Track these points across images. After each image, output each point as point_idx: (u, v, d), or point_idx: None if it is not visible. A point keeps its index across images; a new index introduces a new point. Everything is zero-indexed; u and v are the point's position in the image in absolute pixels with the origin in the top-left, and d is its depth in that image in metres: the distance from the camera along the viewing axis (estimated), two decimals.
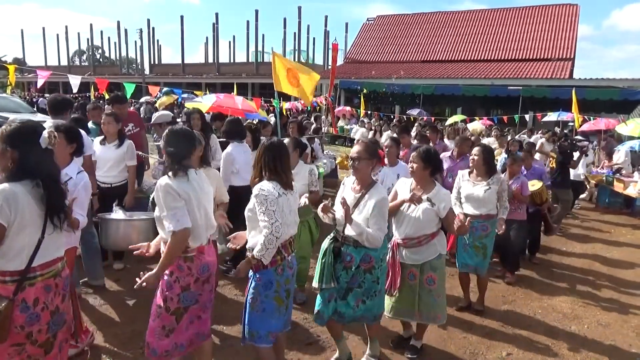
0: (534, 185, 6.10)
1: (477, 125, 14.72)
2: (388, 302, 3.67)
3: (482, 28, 28.35)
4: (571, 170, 8.14)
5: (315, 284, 3.37)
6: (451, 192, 5.70)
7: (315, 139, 8.20)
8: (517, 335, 4.28)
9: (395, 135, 7.58)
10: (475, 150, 4.66)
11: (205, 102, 9.00)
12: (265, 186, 2.88)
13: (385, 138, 10.40)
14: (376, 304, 3.36)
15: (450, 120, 16.63)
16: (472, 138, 10.04)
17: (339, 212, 3.27)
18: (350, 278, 3.27)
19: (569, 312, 4.84)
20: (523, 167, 6.35)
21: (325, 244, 3.38)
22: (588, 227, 8.55)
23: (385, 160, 4.87)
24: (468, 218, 4.28)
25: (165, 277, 2.76)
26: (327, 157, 9.49)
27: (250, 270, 2.96)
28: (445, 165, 6.11)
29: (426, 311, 3.61)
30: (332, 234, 3.42)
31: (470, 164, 4.72)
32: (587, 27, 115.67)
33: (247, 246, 2.98)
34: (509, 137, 10.74)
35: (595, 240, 7.70)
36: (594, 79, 21.33)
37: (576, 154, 8.42)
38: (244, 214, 2.97)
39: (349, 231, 3.22)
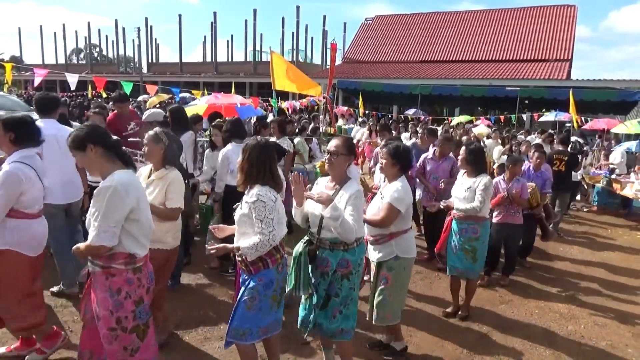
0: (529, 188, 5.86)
1: (482, 129, 14.64)
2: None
3: (480, 28, 28.40)
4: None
5: (288, 290, 3.15)
6: (438, 194, 5.81)
7: (313, 139, 8.17)
8: (514, 335, 4.28)
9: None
10: (464, 151, 4.56)
11: (200, 104, 9.03)
12: (263, 192, 2.79)
13: (357, 134, 10.41)
14: (352, 312, 3.18)
15: (455, 121, 16.48)
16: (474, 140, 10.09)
17: (312, 210, 3.10)
18: (328, 285, 3.10)
19: (565, 312, 4.85)
20: (532, 169, 6.37)
21: (299, 247, 3.14)
22: (584, 228, 8.57)
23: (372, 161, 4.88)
24: (450, 210, 4.55)
25: (110, 299, 2.55)
26: (324, 156, 9.46)
27: (244, 273, 2.90)
28: (428, 167, 6.06)
29: (377, 309, 3.55)
30: (305, 237, 3.21)
31: (459, 164, 4.76)
32: (585, 28, 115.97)
33: (234, 246, 2.91)
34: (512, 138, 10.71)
35: (591, 241, 7.72)
36: (591, 80, 21.41)
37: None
38: (242, 217, 2.88)
39: (325, 234, 3.04)
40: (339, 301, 3.10)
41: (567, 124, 16.58)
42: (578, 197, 10.32)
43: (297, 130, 8.15)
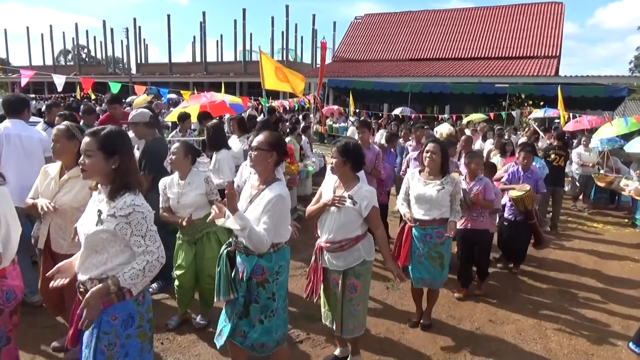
0: (521, 189, 5.54)
1: (444, 128, 14.40)
2: (322, 309, 3.49)
3: (470, 26, 28.52)
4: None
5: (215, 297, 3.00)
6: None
7: (304, 138, 8.18)
8: (504, 330, 4.32)
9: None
10: (432, 146, 4.06)
11: (191, 105, 8.99)
12: (139, 201, 2.23)
13: (378, 137, 10.42)
14: (275, 325, 2.89)
15: (467, 119, 16.27)
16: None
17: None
18: (246, 291, 2.86)
19: (556, 307, 4.89)
20: (520, 169, 5.88)
21: (222, 249, 3.01)
22: (575, 223, 8.65)
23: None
24: (417, 224, 4.04)
25: None
26: (315, 155, 9.49)
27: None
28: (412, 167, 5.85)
29: (345, 322, 3.31)
30: (229, 239, 3.04)
31: (426, 162, 4.11)
32: (572, 25, 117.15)
33: (90, 276, 2.23)
34: (505, 136, 10.41)
35: (581, 235, 7.80)
36: (579, 77, 21.59)
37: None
38: (100, 234, 2.20)
39: (240, 237, 2.78)
40: (258, 308, 2.84)
41: (556, 121, 16.70)
42: (566, 188, 10.32)
43: (287, 130, 8.16)
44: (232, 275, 2.88)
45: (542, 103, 17.02)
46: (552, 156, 7.73)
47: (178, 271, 3.91)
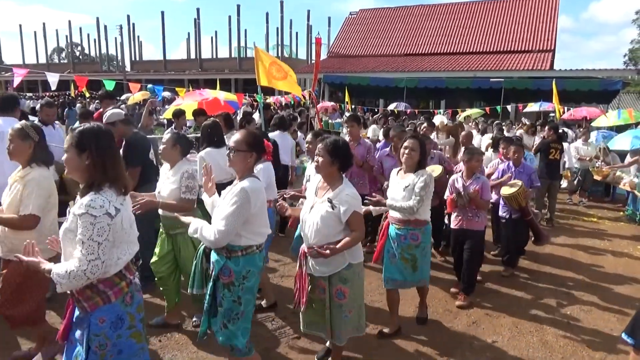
0: (512, 186, 5.37)
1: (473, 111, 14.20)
2: (301, 315, 3.30)
3: (464, 21, 28.53)
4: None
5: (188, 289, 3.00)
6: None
7: (299, 134, 8.16)
8: (502, 323, 4.35)
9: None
10: (411, 142, 3.84)
11: (186, 102, 8.97)
12: (97, 203, 2.06)
13: (371, 132, 10.39)
14: (242, 328, 2.81)
15: (464, 114, 16.22)
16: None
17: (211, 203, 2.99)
18: (214, 290, 2.82)
19: (552, 299, 4.92)
20: (512, 165, 5.76)
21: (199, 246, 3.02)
22: (570, 216, 8.70)
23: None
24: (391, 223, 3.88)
25: None
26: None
27: (78, 309, 2.21)
28: (386, 164, 5.63)
29: (337, 329, 3.15)
30: None
31: (403, 158, 3.89)
32: (567, 18, 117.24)
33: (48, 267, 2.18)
34: (505, 131, 10.31)
35: (576, 228, 7.84)
36: (574, 70, 21.65)
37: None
38: (68, 234, 2.16)
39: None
40: (222, 312, 2.78)
41: (551, 114, 16.74)
42: (564, 184, 10.38)
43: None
44: (207, 270, 2.93)
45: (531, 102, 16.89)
46: (551, 149, 7.74)
47: (153, 259, 3.86)
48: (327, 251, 2.90)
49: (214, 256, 2.85)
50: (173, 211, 3.45)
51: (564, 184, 10.24)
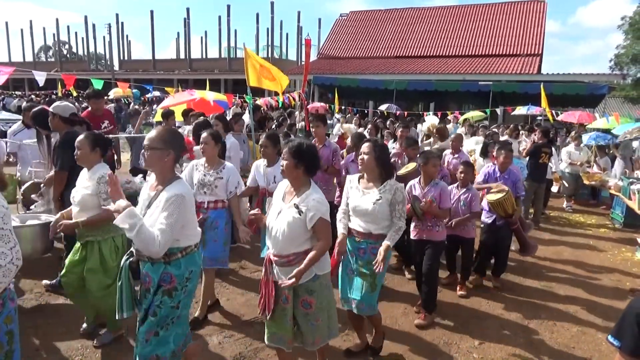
0: (498, 189, 5.08)
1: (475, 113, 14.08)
2: (266, 325, 3.05)
3: (454, 24, 28.78)
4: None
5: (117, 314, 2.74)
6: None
7: (290, 135, 8.17)
8: (489, 325, 4.38)
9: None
10: (366, 146, 3.45)
11: (176, 103, 8.92)
12: None
13: (337, 130, 10.24)
14: (174, 334, 2.69)
15: (464, 117, 16.16)
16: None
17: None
18: (150, 303, 2.65)
19: (538, 301, 4.97)
20: (497, 170, 5.39)
21: (123, 260, 2.74)
22: (556, 218, 8.80)
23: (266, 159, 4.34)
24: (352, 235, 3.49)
25: None
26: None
27: None
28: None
29: (302, 337, 3.00)
30: (130, 249, 2.76)
31: (360, 166, 3.54)
32: (554, 23, 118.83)
33: None
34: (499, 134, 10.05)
35: (563, 230, 7.93)
36: (561, 74, 21.94)
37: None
38: None
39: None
40: (155, 321, 2.61)
41: (539, 117, 16.91)
42: (555, 189, 10.49)
43: (273, 127, 8.14)
44: (138, 288, 2.70)
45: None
46: (541, 153, 7.73)
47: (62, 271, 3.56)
48: (293, 279, 2.71)
49: (146, 267, 2.65)
50: (97, 225, 3.32)
51: (554, 189, 10.37)
